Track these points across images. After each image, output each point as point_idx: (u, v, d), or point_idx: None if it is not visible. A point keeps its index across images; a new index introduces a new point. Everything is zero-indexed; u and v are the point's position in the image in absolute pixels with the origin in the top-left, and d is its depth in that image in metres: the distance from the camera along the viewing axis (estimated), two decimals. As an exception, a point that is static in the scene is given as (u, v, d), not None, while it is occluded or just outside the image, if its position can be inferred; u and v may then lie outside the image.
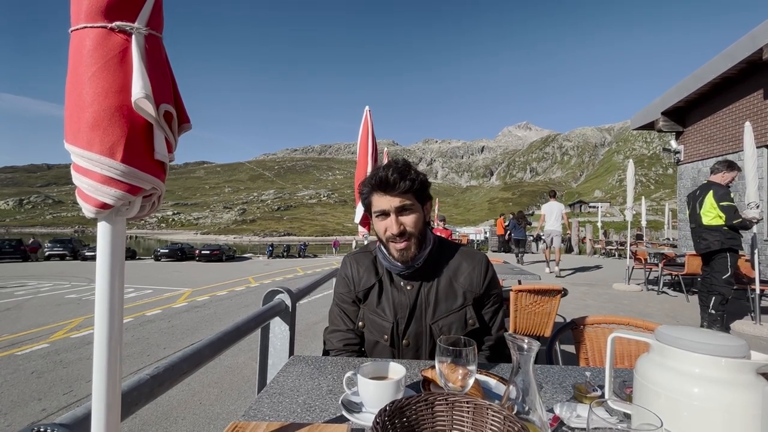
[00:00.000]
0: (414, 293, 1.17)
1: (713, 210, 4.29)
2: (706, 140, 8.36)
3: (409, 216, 1.13)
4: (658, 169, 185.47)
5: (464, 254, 1.24)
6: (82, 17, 0.49)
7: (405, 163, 1.15)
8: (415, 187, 1.12)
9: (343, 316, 1.25)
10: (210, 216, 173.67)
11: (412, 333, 1.16)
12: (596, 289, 7.54)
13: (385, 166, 1.12)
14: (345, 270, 1.27)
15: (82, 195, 0.51)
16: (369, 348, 1.22)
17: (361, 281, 1.22)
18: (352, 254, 1.31)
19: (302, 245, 34.92)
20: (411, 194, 1.13)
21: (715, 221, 4.31)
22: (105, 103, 0.49)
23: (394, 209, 1.11)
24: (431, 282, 1.18)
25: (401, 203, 1.11)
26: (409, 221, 1.12)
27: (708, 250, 4.36)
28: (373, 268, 1.23)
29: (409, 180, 1.10)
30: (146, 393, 0.75)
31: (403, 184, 1.09)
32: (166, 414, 2.93)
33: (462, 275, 1.19)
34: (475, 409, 0.61)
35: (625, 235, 10.77)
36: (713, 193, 4.32)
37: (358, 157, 3.68)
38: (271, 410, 0.80)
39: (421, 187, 1.15)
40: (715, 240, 4.31)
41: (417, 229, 1.13)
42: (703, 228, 4.41)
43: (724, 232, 4.29)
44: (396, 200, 1.11)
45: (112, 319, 0.53)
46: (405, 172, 1.11)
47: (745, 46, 6.60)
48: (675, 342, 0.63)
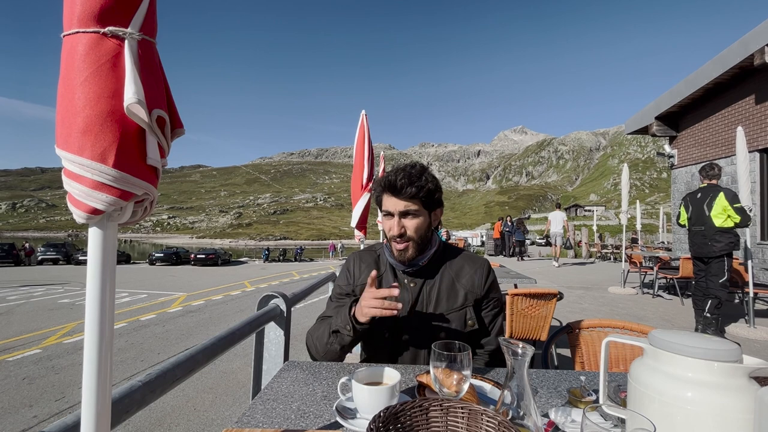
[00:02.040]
0: (417, 290, 1.21)
1: (725, 212, 4.24)
2: (700, 144, 8.45)
3: (412, 220, 1.17)
4: (652, 173, 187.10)
5: (467, 258, 1.29)
6: (74, 22, 0.49)
7: (419, 170, 1.17)
8: (421, 194, 1.15)
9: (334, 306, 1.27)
10: (206, 220, 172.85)
11: (413, 329, 1.19)
12: (592, 292, 7.57)
13: (399, 169, 1.17)
14: (348, 265, 1.33)
15: (73, 200, 0.51)
16: (369, 342, 1.24)
17: (361, 276, 1.27)
18: (357, 252, 1.37)
19: (298, 249, 34.80)
20: (417, 200, 1.16)
21: (726, 223, 4.26)
22: (97, 108, 0.49)
23: (398, 212, 1.16)
24: (434, 280, 1.22)
25: (405, 207, 1.15)
26: (411, 225, 1.16)
27: (723, 252, 4.29)
28: (375, 266, 1.27)
29: (416, 187, 1.13)
30: (138, 400, 0.75)
31: (410, 189, 1.13)
32: (159, 420, 2.90)
33: (464, 277, 1.23)
34: (470, 414, 0.61)
35: (621, 239, 10.83)
36: (725, 195, 4.26)
37: (355, 161, 3.68)
38: (265, 417, 0.79)
39: (428, 195, 1.17)
40: (729, 242, 4.27)
41: (417, 233, 1.17)
42: (716, 230, 4.33)
43: (734, 234, 4.29)
44: (401, 204, 1.15)
45: (102, 325, 0.52)
46: (414, 179, 1.14)
47: (736, 52, 6.70)
48: (668, 346, 0.63)
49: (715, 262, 4.38)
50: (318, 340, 1.17)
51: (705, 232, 4.44)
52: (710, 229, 4.38)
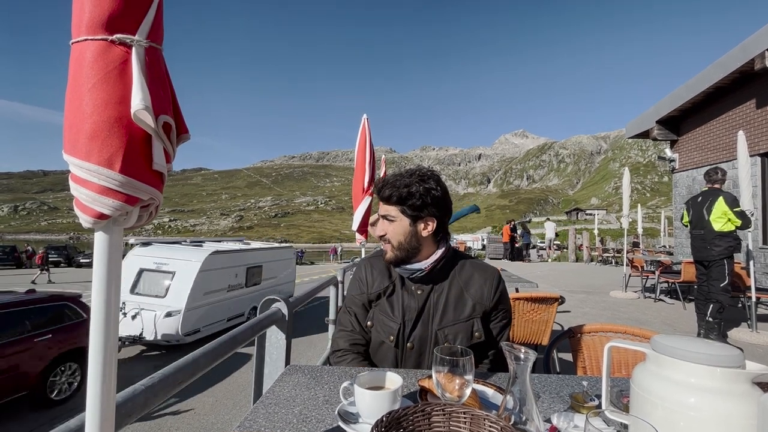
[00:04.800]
0: (423, 297, 1.20)
1: (725, 216, 4.24)
2: (701, 149, 8.45)
3: (390, 224, 1.19)
4: (653, 176, 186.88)
5: (477, 267, 1.26)
6: (83, 30, 0.50)
7: (407, 176, 1.17)
8: (404, 202, 1.16)
9: (352, 319, 1.26)
10: (207, 223, 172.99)
11: (418, 336, 1.18)
12: (593, 296, 7.54)
13: (390, 176, 1.21)
14: (360, 273, 1.31)
15: (80, 205, 0.51)
16: (374, 348, 1.23)
17: (375, 284, 1.26)
18: (367, 258, 1.35)
19: (299, 252, 34.75)
20: (398, 207, 1.18)
21: (726, 227, 4.26)
22: (104, 115, 0.50)
23: (381, 215, 1.22)
24: (442, 288, 1.21)
25: (385, 212, 1.20)
26: (390, 229, 1.19)
27: (722, 256, 4.29)
28: (386, 272, 1.27)
29: (398, 196, 1.16)
30: (141, 404, 0.75)
31: (393, 197, 1.17)
32: (159, 424, 2.89)
33: (473, 287, 1.21)
34: (472, 419, 0.61)
35: (622, 243, 10.80)
36: (724, 199, 4.27)
37: (356, 164, 3.69)
38: (267, 421, 0.79)
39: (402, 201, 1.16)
40: (728, 246, 4.27)
41: (396, 238, 1.18)
42: (715, 234, 4.33)
43: (734, 237, 4.28)
44: (384, 208, 1.21)
45: (107, 329, 0.53)
46: (399, 185, 1.16)
47: (737, 57, 6.71)
48: (670, 351, 0.63)
49: (715, 266, 4.36)
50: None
51: (704, 236, 4.44)
52: (709, 233, 4.38)
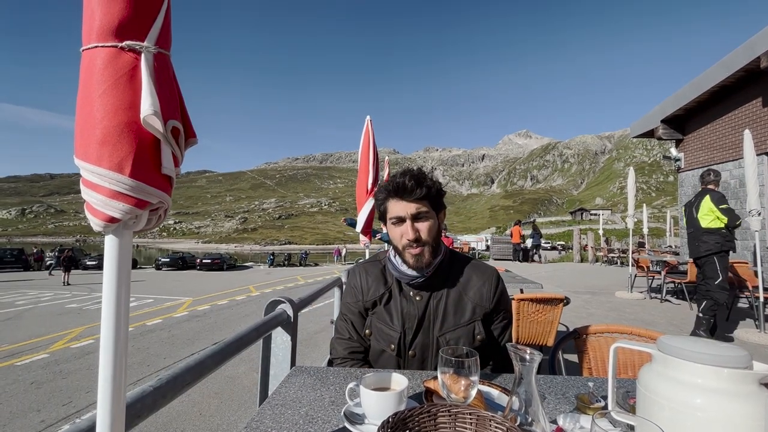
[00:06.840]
0: (423, 304, 1.16)
1: (711, 213, 4.32)
2: (707, 148, 8.38)
3: (424, 223, 1.13)
4: (658, 176, 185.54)
5: (475, 268, 1.23)
6: (93, 37, 0.51)
7: (420, 171, 1.16)
8: (431, 194, 1.13)
9: (349, 326, 1.23)
10: (211, 225, 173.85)
11: (419, 344, 1.15)
12: (599, 297, 7.50)
13: (402, 172, 1.14)
14: (353, 280, 1.26)
15: (90, 209, 0.52)
16: (374, 357, 1.20)
17: (370, 291, 1.21)
18: (361, 264, 1.31)
19: (303, 254, 34.81)
20: (427, 201, 1.13)
21: (713, 224, 4.32)
22: (115, 120, 0.51)
23: (410, 215, 1.11)
24: (441, 294, 1.17)
25: (417, 210, 1.11)
26: (424, 228, 1.12)
27: (709, 253, 4.35)
28: (382, 278, 1.23)
29: (426, 186, 1.11)
30: (149, 405, 0.75)
31: (420, 190, 1.10)
32: (165, 425, 2.91)
33: (472, 289, 1.18)
34: (478, 420, 0.61)
35: (627, 243, 10.73)
36: (710, 197, 4.36)
37: (360, 165, 3.70)
38: (274, 422, 0.80)
39: (437, 195, 1.16)
40: (715, 243, 4.32)
41: (431, 236, 1.13)
42: (701, 231, 4.41)
43: (723, 234, 4.31)
44: (412, 206, 1.11)
45: (118, 330, 0.53)
46: (421, 179, 1.12)
47: (742, 55, 6.66)
48: (677, 352, 0.63)
49: (705, 263, 4.41)
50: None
51: (694, 233, 4.54)
52: (698, 231, 4.47)
